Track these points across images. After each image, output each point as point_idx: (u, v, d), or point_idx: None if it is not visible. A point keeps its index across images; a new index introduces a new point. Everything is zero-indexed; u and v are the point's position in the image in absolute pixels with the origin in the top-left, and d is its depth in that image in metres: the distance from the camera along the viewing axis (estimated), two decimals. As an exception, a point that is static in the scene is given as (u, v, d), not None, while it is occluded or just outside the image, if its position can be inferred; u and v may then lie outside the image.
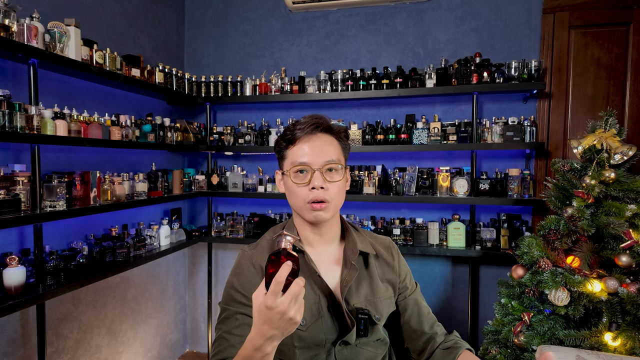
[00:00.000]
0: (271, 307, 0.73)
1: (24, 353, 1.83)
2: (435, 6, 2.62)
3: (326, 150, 1.01)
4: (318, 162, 1.00)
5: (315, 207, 0.99)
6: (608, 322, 1.55)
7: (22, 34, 1.56)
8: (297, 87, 2.62)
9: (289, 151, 1.03)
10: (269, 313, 0.74)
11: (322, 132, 1.03)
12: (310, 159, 1.00)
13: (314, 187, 0.99)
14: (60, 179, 1.75)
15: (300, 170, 1.01)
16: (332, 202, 1.01)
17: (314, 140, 1.02)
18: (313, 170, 0.99)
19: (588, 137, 1.75)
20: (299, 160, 1.00)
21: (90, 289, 2.18)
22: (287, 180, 1.03)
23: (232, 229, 2.77)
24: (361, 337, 1.02)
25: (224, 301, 1.03)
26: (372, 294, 1.06)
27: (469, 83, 2.34)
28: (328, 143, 1.03)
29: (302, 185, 1.00)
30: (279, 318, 0.74)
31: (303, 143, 1.01)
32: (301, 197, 1.00)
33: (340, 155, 1.05)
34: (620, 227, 1.59)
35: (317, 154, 1.00)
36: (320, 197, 0.99)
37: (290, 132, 1.03)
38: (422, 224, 2.50)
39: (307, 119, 1.03)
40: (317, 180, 0.99)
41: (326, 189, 0.99)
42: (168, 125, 2.48)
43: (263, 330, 0.76)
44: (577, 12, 2.40)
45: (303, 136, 1.01)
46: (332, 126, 1.05)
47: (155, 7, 2.72)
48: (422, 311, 1.13)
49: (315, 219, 1.01)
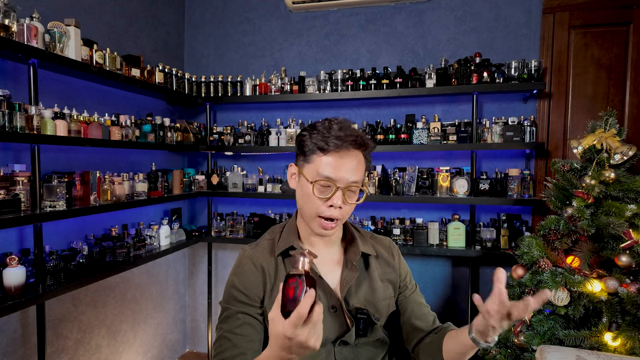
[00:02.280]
0: (291, 337, 0.71)
1: (24, 353, 1.83)
2: (435, 6, 2.62)
3: (354, 170, 0.98)
4: (344, 181, 0.97)
5: (325, 225, 0.98)
6: (608, 322, 1.55)
7: (22, 34, 1.56)
8: (297, 87, 2.62)
9: (317, 157, 0.98)
10: (288, 342, 0.72)
11: (357, 149, 0.99)
12: (338, 177, 0.96)
13: (332, 205, 0.97)
14: (60, 179, 1.75)
15: (323, 185, 0.97)
16: (342, 220, 1.00)
17: (346, 157, 0.97)
18: (337, 187, 0.96)
19: (588, 137, 1.75)
20: (326, 174, 0.96)
21: (90, 289, 2.18)
22: (305, 184, 1.00)
23: (232, 229, 2.77)
24: (360, 337, 1.02)
25: (225, 300, 1.02)
26: (371, 294, 1.06)
27: (469, 83, 2.34)
28: (357, 161, 0.99)
29: (321, 198, 0.98)
30: (298, 346, 0.73)
31: (336, 157, 0.97)
32: (315, 209, 0.98)
33: (363, 174, 1.02)
34: (620, 227, 1.59)
35: (346, 173, 0.96)
36: (334, 216, 0.98)
37: (324, 139, 0.97)
38: (422, 224, 2.50)
39: (344, 131, 0.98)
40: (338, 199, 0.96)
41: (342, 209, 0.98)
42: (168, 125, 2.48)
43: (281, 355, 0.75)
44: (577, 12, 2.40)
45: (340, 151, 0.96)
46: (367, 143, 1.01)
47: (155, 7, 2.71)
48: (423, 310, 1.13)
49: (321, 234, 1.01)
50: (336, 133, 0.97)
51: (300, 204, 1.04)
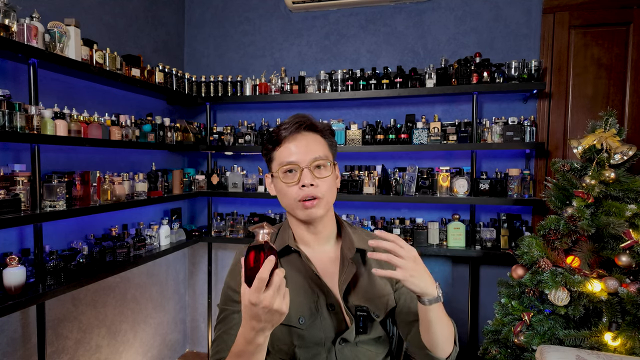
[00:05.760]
0: (256, 303, 0.74)
1: (24, 353, 1.83)
2: (435, 6, 2.62)
3: (312, 147, 1.02)
4: (305, 160, 1.00)
5: (307, 204, 1.00)
6: (608, 322, 1.55)
7: (22, 34, 1.56)
8: (297, 87, 2.62)
9: (275, 153, 1.04)
10: (254, 309, 0.74)
11: (307, 131, 1.04)
12: (297, 158, 1.00)
13: (303, 185, 0.99)
14: (60, 179, 1.75)
15: (289, 170, 1.01)
16: (323, 198, 1.01)
17: (299, 139, 1.02)
18: (301, 168, 1.00)
19: (588, 137, 1.75)
20: (287, 159, 1.01)
21: (90, 289, 2.18)
22: (276, 181, 1.04)
23: (232, 229, 2.77)
24: (360, 335, 1.02)
25: (222, 301, 1.04)
26: (370, 291, 1.06)
27: (469, 83, 2.34)
28: (313, 141, 1.03)
29: (292, 184, 1.00)
30: (265, 312, 0.74)
31: (289, 143, 1.02)
32: (292, 197, 1.01)
33: (327, 151, 1.05)
34: (620, 227, 1.59)
35: (304, 152, 1.01)
36: (310, 194, 0.99)
37: (275, 133, 1.03)
38: (422, 224, 2.50)
39: (290, 119, 1.04)
40: (306, 177, 0.99)
41: (316, 186, 1.00)
42: (168, 125, 2.48)
43: (252, 325, 0.77)
44: (577, 12, 2.40)
45: (288, 136, 1.02)
46: (315, 124, 1.06)
47: (155, 7, 2.72)
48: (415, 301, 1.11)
49: (308, 216, 1.02)
50: (282, 125, 1.04)
51: (282, 203, 1.06)
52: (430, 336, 0.94)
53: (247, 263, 0.76)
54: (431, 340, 0.95)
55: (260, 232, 0.78)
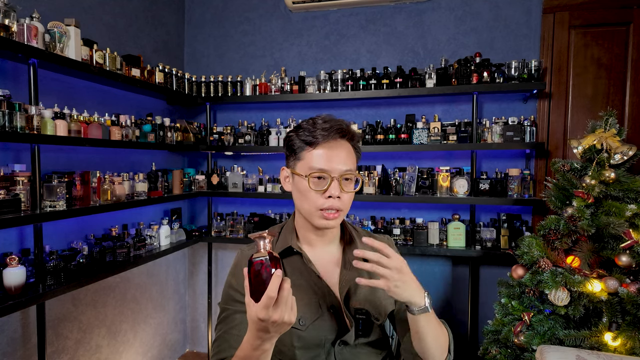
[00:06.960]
0: (264, 319, 0.73)
1: (24, 353, 1.83)
2: (435, 6, 2.62)
3: (346, 159, 0.99)
4: (337, 171, 0.98)
5: (328, 215, 0.98)
6: (608, 322, 1.55)
7: (22, 34, 1.56)
8: (297, 87, 2.62)
9: (306, 153, 1.00)
10: (263, 324, 0.74)
11: (343, 139, 1.01)
12: (330, 167, 0.97)
13: (330, 196, 0.97)
14: (60, 179, 1.75)
15: (317, 177, 0.98)
16: (343, 210, 1.00)
17: (335, 148, 0.99)
18: (332, 178, 0.97)
19: (588, 137, 1.75)
20: (318, 166, 0.97)
21: (90, 289, 2.18)
22: (299, 181, 1.01)
23: (232, 229, 2.77)
24: (360, 337, 1.02)
25: (223, 301, 1.03)
26: (371, 294, 1.06)
27: (469, 83, 2.34)
28: (347, 151, 1.01)
29: (318, 191, 0.98)
30: (274, 325, 0.74)
31: (325, 149, 0.98)
32: (314, 204, 0.98)
33: (355, 164, 1.04)
34: (620, 227, 1.59)
35: (338, 162, 0.98)
36: (335, 206, 0.98)
37: (311, 133, 0.99)
38: (422, 224, 2.50)
39: (329, 123, 1.00)
40: (335, 189, 0.97)
41: (341, 198, 0.98)
42: (168, 125, 2.48)
43: (259, 335, 0.77)
44: (577, 12, 2.40)
45: (325, 141, 0.98)
46: (353, 133, 1.03)
47: (155, 7, 2.71)
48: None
49: (325, 226, 1.01)
50: (322, 126, 0.99)
51: (298, 203, 1.04)
52: (420, 344, 0.94)
53: (250, 276, 0.74)
54: (422, 348, 0.95)
55: (261, 243, 0.76)
